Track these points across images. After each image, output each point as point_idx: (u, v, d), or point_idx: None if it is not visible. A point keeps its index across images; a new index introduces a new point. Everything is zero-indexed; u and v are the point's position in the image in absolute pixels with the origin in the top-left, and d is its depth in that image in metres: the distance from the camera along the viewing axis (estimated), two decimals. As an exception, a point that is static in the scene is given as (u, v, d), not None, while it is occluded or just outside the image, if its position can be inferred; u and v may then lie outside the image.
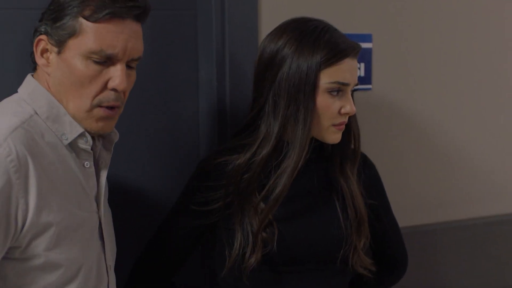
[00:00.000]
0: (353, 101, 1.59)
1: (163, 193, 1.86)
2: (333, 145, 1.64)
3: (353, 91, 1.61)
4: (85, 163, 1.35)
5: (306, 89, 1.55)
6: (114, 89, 1.31)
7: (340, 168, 1.66)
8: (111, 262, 1.43)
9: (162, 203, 1.83)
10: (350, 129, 1.64)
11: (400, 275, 1.86)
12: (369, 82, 2.01)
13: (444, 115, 2.14)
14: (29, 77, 1.37)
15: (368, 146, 1.71)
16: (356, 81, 1.59)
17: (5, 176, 1.21)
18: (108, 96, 1.32)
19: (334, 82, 1.54)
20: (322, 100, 1.56)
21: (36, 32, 1.34)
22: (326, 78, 1.55)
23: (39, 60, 1.33)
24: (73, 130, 1.32)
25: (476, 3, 2.14)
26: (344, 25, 1.64)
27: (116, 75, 1.31)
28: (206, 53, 1.85)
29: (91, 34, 1.28)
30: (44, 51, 1.32)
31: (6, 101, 1.36)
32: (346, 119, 1.59)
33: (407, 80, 2.07)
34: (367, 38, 1.99)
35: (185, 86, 1.87)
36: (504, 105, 2.24)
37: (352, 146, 1.66)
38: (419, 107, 2.10)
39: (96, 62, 1.29)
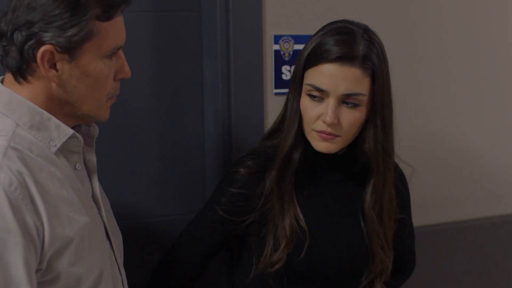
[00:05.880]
0: (350, 112, 1.47)
1: (167, 194, 1.86)
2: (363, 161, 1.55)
3: (348, 100, 1.46)
4: (77, 165, 1.30)
5: (295, 85, 1.51)
6: (121, 79, 1.31)
7: (366, 192, 1.58)
8: (120, 260, 1.41)
9: (167, 204, 1.83)
10: (363, 146, 1.53)
11: (405, 279, 1.86)
12: (373, 83, 2.01)
13: (446, 114, 2.13)
14: None
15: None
16: (345, 91, 1.44)
17: (16, 207, 1.13)
18: (116, 87, 1.31)
19: (310, 85, 1.46)
20: (303, 101, 1.49)
21: (30, 42, 1.19)
22: (307, 79, 1.48)
23: (48, 73, 1.20)
24: (61, 134, 1.25)
25: (478, 2, 2.14)
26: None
27: (124, 63, 1.30)
28: (211, 54, 1.85)
29: (106, 34, 1.23)
30: (52, 61, 1.21)
31: None
32: (329, 129, 1.46)
33: (409, 81, 2.06)
34: (372, 39, 1.99)
35: (189, 87, 1.87)
36: (507, 105, 2.23)
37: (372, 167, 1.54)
38: (421, 107, 2.09)
39: (109, 57, 1.26)
